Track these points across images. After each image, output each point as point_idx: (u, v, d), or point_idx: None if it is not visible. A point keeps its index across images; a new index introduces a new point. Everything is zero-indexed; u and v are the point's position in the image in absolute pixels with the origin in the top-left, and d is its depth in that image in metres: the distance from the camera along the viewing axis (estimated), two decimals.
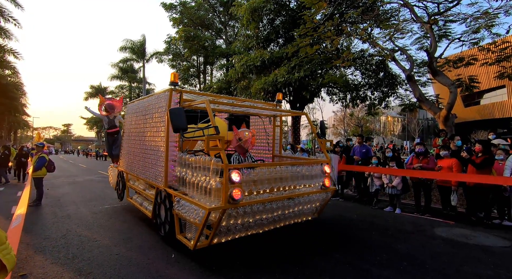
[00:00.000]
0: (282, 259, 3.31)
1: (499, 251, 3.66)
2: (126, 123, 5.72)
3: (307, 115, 4.64)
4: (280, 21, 12.45)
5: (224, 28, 20.32)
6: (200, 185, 3.04)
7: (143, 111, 4.73)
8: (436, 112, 8.57)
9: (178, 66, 21.24)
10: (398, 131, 40.49)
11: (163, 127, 3.87)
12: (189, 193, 3.29)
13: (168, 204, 3.67)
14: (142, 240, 3.95)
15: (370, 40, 9.60)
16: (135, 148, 4.99)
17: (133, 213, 5.45)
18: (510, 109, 22.82)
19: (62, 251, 3.55)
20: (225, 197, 2.79)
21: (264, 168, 3.34)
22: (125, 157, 5.64)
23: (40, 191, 6.41)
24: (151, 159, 4.22)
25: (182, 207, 3.30)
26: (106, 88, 40.49)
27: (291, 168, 3.59)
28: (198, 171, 3.20)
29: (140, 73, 30.16)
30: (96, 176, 12.54)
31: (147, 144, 4.43)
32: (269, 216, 3.41)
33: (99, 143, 46.79)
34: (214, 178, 2.94)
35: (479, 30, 8.03)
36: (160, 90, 4.15)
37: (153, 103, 4.31)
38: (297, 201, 3.65)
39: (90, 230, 4.44)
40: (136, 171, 4.90)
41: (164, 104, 3.88)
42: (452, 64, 9.65)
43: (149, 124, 4.39)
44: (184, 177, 3.41)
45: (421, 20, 8.33)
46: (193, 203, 3.08)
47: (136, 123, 5.02)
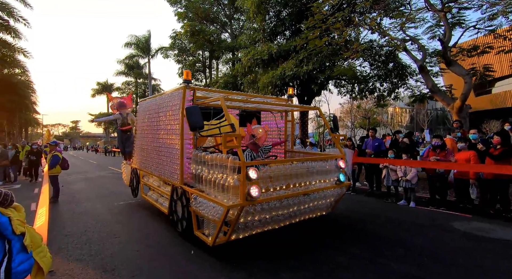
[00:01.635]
0: (299, 254, 3.34)
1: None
2: (139, 121, 5.79)
3: (319, 110, 4.60)
4: (287, 13, 12.21)
5: (229, 21, 20.07)
6: (217, 183, 3.07)
7: (156, 109, 4.75)
8: (450, 103, 8.37)
9: (183, 61, 21.18)
10: (406, 122, 39.86)
11: (177, 125, 3.89)
12: (206, 190, 3.32)
13: (185, 201, 3.72)
14: (160, 236, 4.03)
15: (380, 30, 9.36)
16: (149, 146, 5.05)
17: (148, 209, 5.55)
18: None
19: (84, 248, 3.64)
20: (243, 195, 2.81)
21: (280, 165, 3.34)
22: (139, 154, 5.70)
23: (56, 188, 6.57)
24: (166, 157, 4.27)
25: (199, 204, 3.33)
26: (113, 85, 40.73)
27: (306, 164, 3.59)
28: (215, 169, 3.21)
29: (145, 69, 30.21)
30: (108, 172, 12.76)
31: (161, 141, 4.46)
32: (285, 212, 3.43)
33: (107, 139, 47.43)
34: (231, 176, 2.95)
35: (496, 16, 7.73)
36: (173, 88, 4.18)
37: (167, 101, 4.33)
38: (312, 196, 3.66)
39: (108, 226, 4.55)
40: (151, 169, 4.96)
41: (178, 102, 3.89)
42: (466, 53, 9.36)
43: (163, 122, 4.42)
44: (200, 175, 3.43)
45: (434, 8, 8.06)
46: (211, 200, 3.11)
47: (149, 121, 5.06)
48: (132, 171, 6.26)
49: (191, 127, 3.20)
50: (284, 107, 4.93)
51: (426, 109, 33.65)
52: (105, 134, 48.52)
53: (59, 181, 6.75)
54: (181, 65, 21.34)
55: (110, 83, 40.75)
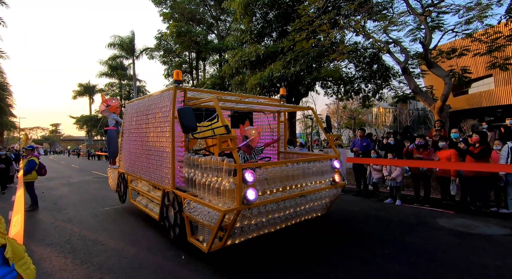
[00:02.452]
0: (293, 257, 3.34)
1: (502, 239, 3.78)
2: (125, 123, 5.57)
3: (313, 110, 4.60)
4: (274, 15, 12.29)
5: (216, 22, 19.95)
6: (212, 186, 2.98)
7: (144, 111, 4.60)
8: (431, 104, 8.69)
9: (170, 62, 20.83)
10: (390, 121, 41.09)
11: (168, 127, 3.77)
12: (199, 194, 3.23)
13: (177, 206, 3.60)
14: (150, 242, 3.91)
15: (364, 33, 9.60)
16: (137, 149, 4.89)
17: (136, 214, 5.38)
18: (497, 97, 23.42)
19: (68, 257, 3.48)
20: (239, 198, 2.73)
21: (277, 167, 3.27)
22: (126, 158, 5.50)
23: (33, 196, 6.20)
24: (156, 160, 4.13)
25: (193, 209, 3.24)
26: (95, 86, 39.54)
27: (302, 165, 3.54)
28: (209, 172, 3.12)
29: (130, 70, 29.50)
30: (92, 177, 12.31)
31: (151, 144, 4.32)
32: (282, 215, 3.38)
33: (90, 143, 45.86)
34: (227, 179, 2.86)
35: (472, 21, 8.11)
36: (163, 88, 4.12)
37: (156, 102, 4.19)
38: (308, 198, 3.64)
39: (94, 233, 4.37)
40: (139, 173, 4.80)
41: (168, 103, 3.77)
42: (445, 56, 9.76)
43: (152, 124, 4.28)
44: (193, 178, 3.33)
45: (415, 12, 8.36)
46: (205, 205, 3.01)
47: (137, 123, 4.89)
48: (119, 175, 6.03)
49: (184, 129, 3.08)
50: (277, 108, 4.88)
51: (408, 109, 34.85)
52: (88, 137, 46.90)
53: (38, 188, 6.43)
54: (167, 66, 20.98)
55: (92, 84, 39.52)
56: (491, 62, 9.38)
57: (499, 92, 23.17)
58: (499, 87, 23.14)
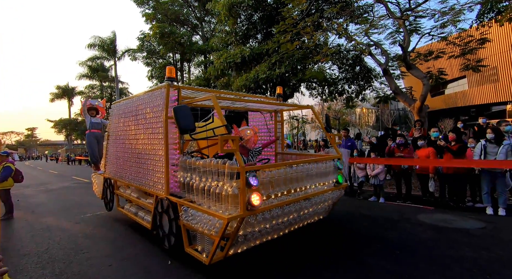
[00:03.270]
0: (282, 257, 3.35)
1: (477, 233, 3.99)
2: (112, 125, 5.23)
3: (312, 109, 4.40)
4: (258, 17, 12.37)
5: (200, 23, 19.79)
6: (212, 192, 2.73)
7: (133, 111, 4.28)
8: (411, 104, 9.04)
9: (153, 63, 20.42)
10: (372, 121, 42.33)
11: (160, 128, 3.49)
12: (197, 200, 2.98)
13: (173, 214, 3.30)
14: (135, 249, 3.80)
15: (346, 35, 9.86)
16: (125, 153, 4.56)
17: (120, 220, 5.22)
18: (471, 97, 24.73)
19: (47, 267, 3.31)
20: (243, 204, 2.49)
21: (281, 169, 3.03)
22: (112, 162, 5.17)
23: (9, 204, 5.89)
24: (147, 165, 3.82)
25: (191, 217, 2.97)
26: (75, 88, 38.10)
27: (306, 166, 3.33)
28: (208, 176, 2.87)
29: (111, 72, 28.65)
30: (72, 183, 11.83)
31: (141, 147, 4.01)
32: (285, 220, 3.16)
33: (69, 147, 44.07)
34: (229, 183, 2.61)
35: (447, 25, 8.54)
36: (155, 86, 3.79)
37: (147, 102, 3.88)
38: (313, 201, 3.45)
39: (75, 242, 4.19)
40: (128, 178, 4.46)
41: (161, 102, 3.46)
42: (423, 58, 10.20)
43: (143, 126, 3.97)
44: (190, 183, 3.08)
45: (394, 16, 8.68)
46: (206, 212, 2.76)
47: (125, 125, 4.57)
48: (105, 181, 5.63)
49: (182, 130, 2.81)
50: (275, 107, 4.64)
51: (389, 109, 36.06)
52: (67, 141, 45.04)
53: (13, 195, 6.09)
54: (150, 68, 20.56)
55: (71, 86, 38.05)
56: (465, 64, 9.89)
57: (472, 93, 24.48)
58: (472, 87, 24.44)
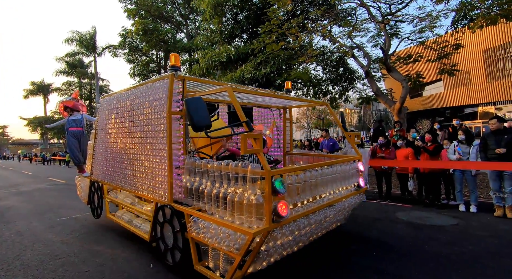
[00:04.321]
0: None
1: (451, 229, 4.19)
2: (100, 122, 4.73)
3: (327, 105, 4.12)
4: (244, 16, 12.34)
5: (184, 21, 19.46)
6: (229, 200, 2.32)
7: (128, 106, 3.76)
8: (391, 105, 9.37)
9: (136, 61, 19.84)
10: (355, 122, 43.51)
11: (162, 125, 3.04)
12: (209, 209, 2.58)
13: (179, 225, 2.86)
14: (114, 252, 3.67)
15: (330, 37, 10.05)
16: (117, 153, 4.07)
17: (98, 222, 5.02)
18: (446, 99, 26.04)
19: (18, 275, 3.12)
20: (269, 215, 2.13)
21: (308, 172, 2.70)
22: (101, 164, 4.65)
23: None
24: (145, 167, 3.37)
25: (203, 229, 2.52)
26: (51, 85, 36.32)
27: (332, 169, 3.03)
28: (223, 181, 2.48)
29: (91, 68, 27.55)
30: (47, 184, 11.25)
31: (137, 147, 3.53)
32: (308, 230, 2.79)
33: (45, 146, 41.94)
34: (252, 190, 2.23)
35: (424, 30, 8.92)
36: (155, 77, 3.32)
37: (145, 95, 3.40)
38: (336, 207, 3.12)
39: (49, 246, 3.98)
40: (120, 182, 3.96)
41: (164, 95, 3.01)
42: (402, 61, 10.60)
43: (139, 122, 3.49)
44: (199, 189, 2.67)
45: (376, 20, 8.96)
46: (224, 225, 2.33)
47: (117, 121, 4.05)
48: (92, 185, 5.07)
49: (196, 127, 2.36)
50: (284, 103, 4.20)
51: (371, 110, 37.23)
52: (43, 140, 42.86)
53: None
54: (133, 65, 19.97)
55: (47, 83, 36.26)
56: (440, 68, 10.37)
57: (448, 95, 25.77)
58: (447, 90, 25.73)
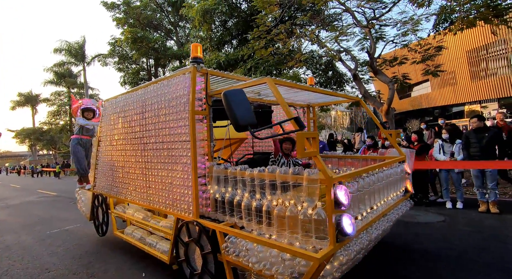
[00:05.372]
0: None
1: (438, 225, 4.31)
2: (104, 127, 4.27)
3: (361, 101, 3.77)
4: (233, 23, 12.52)
5: (174, 28, 19.56)
6: (278, 215, 1.90)
7: (138, 108, 3.32)
8: (379, 107, 9.57)
9: (126, 69, 19.78)
10: (347, 124, 44.10)
11: (184, 127, 2.61)
12: (247, 226, 2.16)
13: (210, 246, 2.40)
14: (106, 263, 3.63)
15: (318, 42, 10.28)
16: (125, 162, 3.62)
17: (90, 234, 4.96)
18: (434, 99, 26.70)
19: None
20: (333, 232, 1.70)
21: (368, 177, 2.30)
22: (106, 175, 4.19)
23: None
24: (162, 176, 2.93)
25: (244, 252, 2.08)
26: (39, 95, 35.74)
27: (386, 173, 2.60)
28: (266, 191, 2.05)
29: (80, 78, 27.29)
30: (36, 197, 11.01)
31: (151, 155, 3.09)
32: (369, 247, 2.40)
33: (34, 158, 41.05)
34: (310, 202, 1.79)
35: (407, 33, 9.22)
36: (174, 72, 2.85)
37: (160, 94, 2.95)
38: (388, 217, 2.74)
39: (39, 260, 3.92)
40: (130, 195, 3.51)
41: (185, 92, 2.58)
42: (388, 63, 10.88)
43: (154, 126, 3.05)
44: (233, 201, 2.25)
45: (361, 24, 9.21)
46: (277, 247, 1.87)
47: (126, 125, 3.59)
48: (95, 198, 4.60)
49: (240, 125, 1.88)
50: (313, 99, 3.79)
51: (362, 112, 37.84)
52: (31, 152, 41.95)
53: None
54: (123, 74, 19.89)
55: (35, 93, 35.70)
56: (425, 69, 10.69)
57: (435, 95, 26.43)
58: (434, 90, 26.40)
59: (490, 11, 6.52)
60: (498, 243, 3.51)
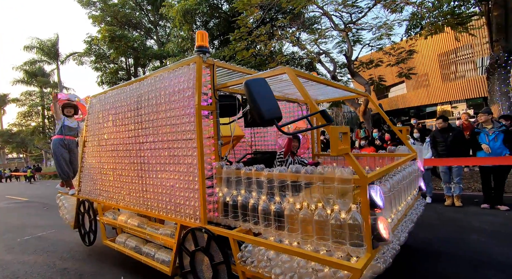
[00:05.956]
0: None
1: None
2: (91, 126, 3.89)
3: (369, 97, 3.67)
4: (214, 23, 12.50)
5: (154, 28, 19.16)
6: (303, 219, 1.68)
7: (134, 104, 2.95)
8: (357, 108, 9.96)
9: (103, 68, 19.10)
10: None
11: (188, 124, 2.31)
12: (265, 232, 1.93)
13: (221, 255, 2.12)
14: (81, 268, 3.54)
15: (298, 44, 10.52)
16: (117, 164, 3.29)
17: (64, 239, 4.79)
18: (409, 100, 28.05)
19: None
20: (369, 238, 1.55)
21: (395, 176, 2.15)
22: (94, 178, 3.81)
23: None
24: (162, 179, 2.62)
25: (267, 262, 1.83)
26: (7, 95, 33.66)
27: (409, 170, 2.48)
28: (289, 192, 1.82)
29: (53, 77, 26.00)
30: (5, 203, 10.38)
31: (149, 155, 2.77)
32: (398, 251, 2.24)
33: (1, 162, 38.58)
34: (342, 205, 1.58)
35: (381, 37, 9.68)
36: (175, 63, 2.55)
37: (159, 87, 2.61)
38: (412, 216, 2.60)
39: (8, 269, 3.74)
40: (123, 200, 3.16)
41: (190, 85, 2.28)
42: (365, 66, 11.35)
43: (151, 123, 2.71)
44: (247, 204, 2.02)
45: (338, 28, 9.55)
46: (307, 257, 1.64)
47: (116, 125, 3.27)
48: (80, 205, 4.15)
49: (265, 119, 1.63)
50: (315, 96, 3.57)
51: (343, 112, 39.01)
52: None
53: None
54: (100, 73, 19.20)
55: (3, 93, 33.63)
56: (398, 71, 11.26)
57: (410, 96, 27.78)
58: (409, 91, 27.74)
59: (454, 19, 7.00)
60: (461, 234, 3.80)
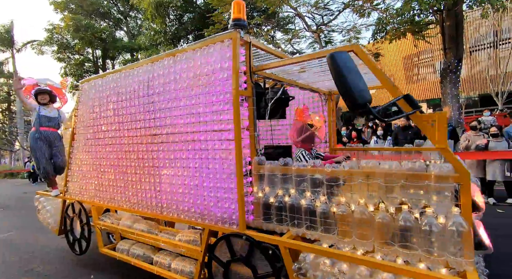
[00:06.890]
0: None
1: None
2: (82, 116, 3.33)
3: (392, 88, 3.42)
4: (189, 18, 12.28)
5: (124, 18, 18.23)
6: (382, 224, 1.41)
7: (142, 89, 2.48)
8: None
9: (67, 59, 17.83)
10: None
11: (223, 112, 1.93)
12: (324, 239, 1.64)
13: (270, 266, 1.77)
14: (50, 267, 3.42)
15: (273, 43, 10.74)
16: (119, 159, 2.78)
17: (27, 241, 4.55)
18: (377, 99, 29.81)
19: None
20: (469, 246, 1.28)
21: None
22: (86, 177, 3.27)
23: None
24: (184, 177, 2.19)
25: (340, 276, 1.53)
26: None
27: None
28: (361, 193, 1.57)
29: (8, 66, 23.71)
30: None
31: (165, 149, 2.32)
32: None
33: None
34: (439, 208, 1.35)
35: (351, 40, 10.22)
36: (207, 39, 2.07)
37: (180, 69, 2.18)
38: None
39: None
40: (128, 202, 2.69)
41: (224, 66, 1.90)
42: None
43: (169, 111, 2.27)
44: (299, 206, 1.70)
45: (311, 29, 9.91)
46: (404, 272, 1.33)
47: (119, 114, 2.73)
48: (68, 207, 3.50)
49: (357, 102, 1.41)
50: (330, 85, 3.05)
51: None
52: None
53: None
54: (64, 64, 17.91)
55: None
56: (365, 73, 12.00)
57: (378, 95, 29.50)
58: (378, 91, 29.49)
59: (413, 26, 7.64)
60: None
